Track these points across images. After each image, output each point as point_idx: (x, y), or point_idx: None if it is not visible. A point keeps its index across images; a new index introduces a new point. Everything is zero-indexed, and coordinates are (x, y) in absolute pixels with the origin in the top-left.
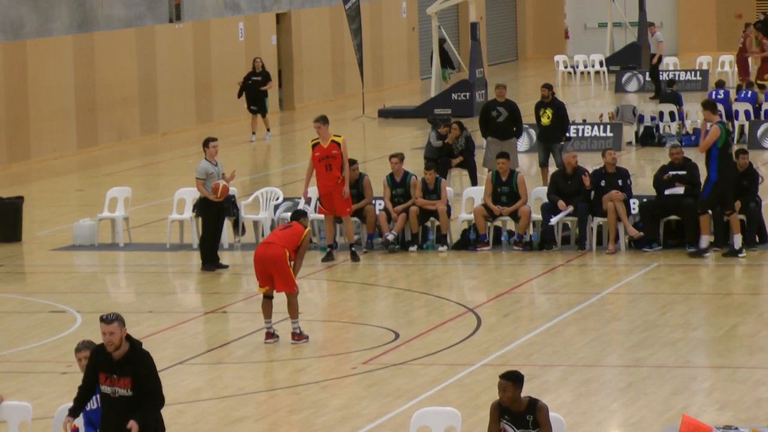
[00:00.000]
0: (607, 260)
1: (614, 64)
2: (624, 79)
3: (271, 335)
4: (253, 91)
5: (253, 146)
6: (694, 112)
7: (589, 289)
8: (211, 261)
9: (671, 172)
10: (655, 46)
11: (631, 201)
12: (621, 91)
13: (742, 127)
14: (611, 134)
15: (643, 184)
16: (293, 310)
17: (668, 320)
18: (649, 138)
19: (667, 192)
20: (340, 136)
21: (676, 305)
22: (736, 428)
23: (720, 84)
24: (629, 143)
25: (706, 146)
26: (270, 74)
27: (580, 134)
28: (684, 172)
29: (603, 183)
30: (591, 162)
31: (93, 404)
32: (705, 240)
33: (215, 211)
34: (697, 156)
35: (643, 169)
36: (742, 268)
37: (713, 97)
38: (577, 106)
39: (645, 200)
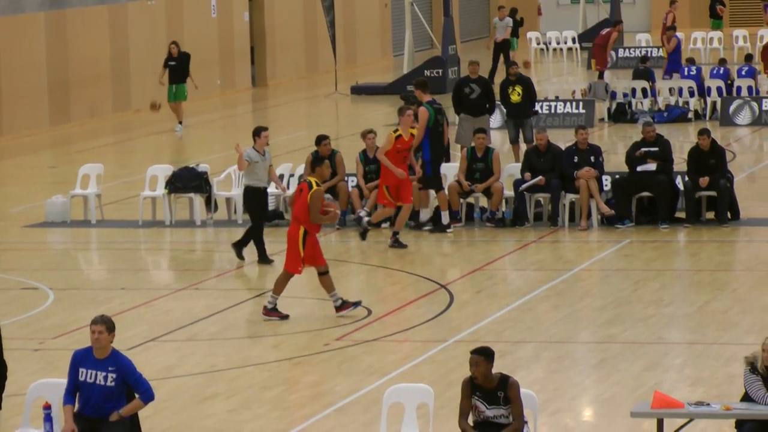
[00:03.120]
0: (579, 237)
1: (587, 40)
2: None
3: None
4: (172, 77)
5: (179, 135)
6: (666, 89)
7: (562, 265)
8: (263, 253)
9: (643, 149)
10: (502, 30)
11: (604, 178)
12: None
13: (714, 103)
14: (584, 111)
15: (616, 161)
16: (278, 285)
17: (641, 297)
18: (621, 114)
19: (639, 169)
20: (414, 128)
21: (648, 282)
22: (708, 404)
23: (691, 60)
24: (601, 120)
25: (422, 126)
26: (190, 55)
27: (552, 111)
28: (656, 149)
29: (575, 160)
30: (563, 139)
31: (90, 378)
32: (446, 216)
33: (262, 201)
34: (669, 133)
35: (615, 146)
36: (714, 244)
37: (685, 73)
38: (549, 82)
39: (617, 177)
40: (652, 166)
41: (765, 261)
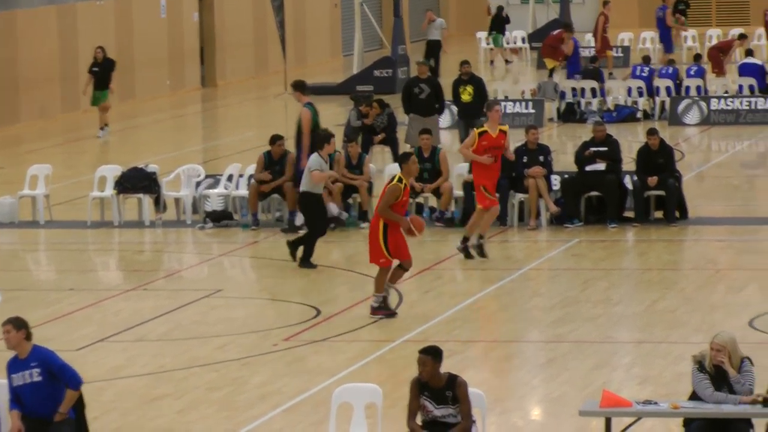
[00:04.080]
0: (528, 236)
1: (536, 40)
2: None
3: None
4: (97, 82)
5: (103, 140)
6: (616, 89)
7: (511, 265)
8: (308, 258)
9: (592, 149)
10: (439, 33)
11: (553, 177)
12: (543, 67)
13: (663, 103)
14: (533, 111)
15: (565, 161)
16: (377, 283)
17: (589, 296)
18: (570, 114)
19: (588, 168)
20: (505, 125)
21: (597, 281)
22: (656, 403)
23: (646, 60)
24: (551, 119)
25: (307, 129)
26: (114, 62)
27: (502, 111)
28: (605, 149)
29: (525, 159)
30: (513, 138)
31: (20, 380)
32: (300, 217)
33: (321, 207)
34: (618, 132)
35: (564, 146)
36: (663, 243)
37: (637, 73)
38: (499, 82)
39: (566, 176)
40: (601, 166)
41: (713, 260)
